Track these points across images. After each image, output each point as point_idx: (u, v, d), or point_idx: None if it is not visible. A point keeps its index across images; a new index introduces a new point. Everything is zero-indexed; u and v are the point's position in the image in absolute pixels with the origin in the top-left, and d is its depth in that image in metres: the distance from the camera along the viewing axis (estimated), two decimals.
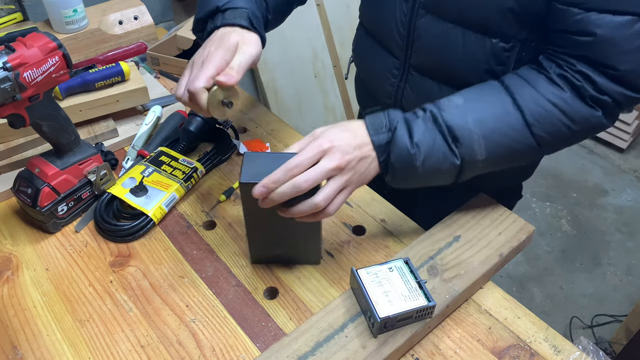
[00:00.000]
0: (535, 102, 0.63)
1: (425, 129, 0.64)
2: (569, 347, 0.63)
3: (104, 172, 0.81)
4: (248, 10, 0.72)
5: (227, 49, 0.67)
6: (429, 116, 0.65)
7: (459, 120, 0.64)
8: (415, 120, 0.65)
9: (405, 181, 0.66)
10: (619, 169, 2.47)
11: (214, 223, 0.80)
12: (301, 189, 0.59)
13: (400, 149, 0.63)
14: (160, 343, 0.64)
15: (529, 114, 0.64)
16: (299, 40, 2.04)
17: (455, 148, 0.64)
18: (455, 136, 0.64)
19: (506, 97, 0.65)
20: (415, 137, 0.63)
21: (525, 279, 1.99)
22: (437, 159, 0.64)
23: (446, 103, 0.66)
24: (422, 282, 0.63)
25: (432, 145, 0.63)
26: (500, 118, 0.64)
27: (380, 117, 0.65)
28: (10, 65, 0.65)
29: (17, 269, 0.74)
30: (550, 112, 0.63)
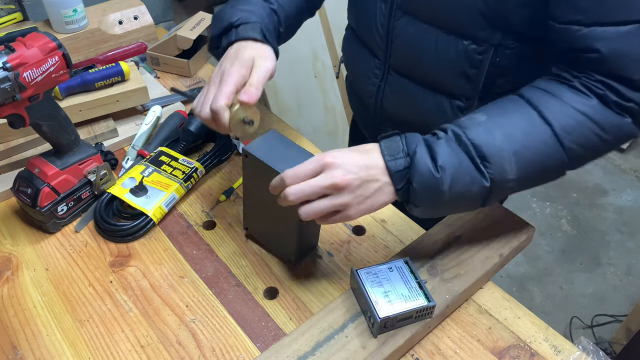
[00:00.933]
0: (563, 113, 0.59)
1: (450, 150, 0.59)
2: (569, 347, 0.63)
3: (104, 172, 0.81)
4: (261, 24, 0.73)
5: (243, 64, 0.67)
6: (451, 136, 0.60)
7: (485, 137, 0.59)
8: (436, 141, 0.60)
9: (430, 209, 0.61)
10: (619, 169, 2.47)
11: (214, 223, 0.80)
12: (288, 200, 0.57)
13: (423, 174, 0.58)
14: (160, 343, 0.64)
15: (559, 126, 0.59)
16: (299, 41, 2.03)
17: (484, 168, 0.59)
18: (484, 155, 0.58)
19: (531, 111, 0.60)
20: (439, 160, 0.58)
21: (525, 279, 1.99)
22: (464, 182, 0.58)
23: (468, 122, 0.61)
24: (422, 282, 0.62)
25: (459, 167, 0.58)
26: (529, 132, 0.59)
27: (396, 141, 0.60)
28: (10, 65, 0.65)
29: (17, 269, 0.73)
30: (580, 123, 0.59)
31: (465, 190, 0.59)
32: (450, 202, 0.60)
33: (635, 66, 0.57)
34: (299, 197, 0.57)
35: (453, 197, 0.59)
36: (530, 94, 0.62)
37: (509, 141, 0.59)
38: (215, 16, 0.77)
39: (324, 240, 0.77)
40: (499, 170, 0.59)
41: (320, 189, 0.57)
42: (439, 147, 0.59)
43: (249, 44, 0.70)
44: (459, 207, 0.63)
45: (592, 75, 0.60)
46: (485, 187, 0.59)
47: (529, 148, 0.59)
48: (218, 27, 0.75)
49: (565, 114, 0.59)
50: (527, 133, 0.59)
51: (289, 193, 0.57)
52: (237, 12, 0.74)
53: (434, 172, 0.58)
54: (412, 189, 0.59)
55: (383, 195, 0.59)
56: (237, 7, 0.75)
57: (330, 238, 0.77)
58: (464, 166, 0.58)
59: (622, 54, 0.57)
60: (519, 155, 0.59)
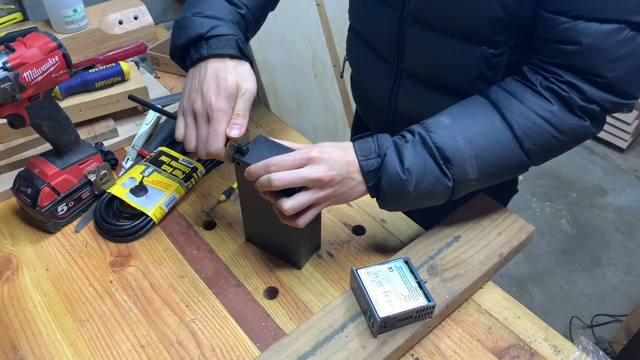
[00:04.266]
0: (524, 117, 0.63)
1: (415, 153, 0.63)
2: (569, 347, 0.63)
3: (104, 172, 0.81)
4: (236, 37, 0.68)
5: (229, 95, 0.65)
6: (417, 139, 0.64)
7: (448, 141, 0.63)
8: (404, 145, 0.64)
9: (397, 205, 0.66)
10: (619, 169, 2.47)
11: (214, 223, 0.80)
12: (272, 185, 0.59)
13: (391, 175, 0.62)
14: (160, 343, 0.64)
15: (519, 129, 0.63)
16: (299, 41, 2.04)
17: (446, 170, 0.63)
18: (447, 157, 0.63)
19: (494, 114, 0.64)
20: (406, 163, 0.63)
21: (525, 279, 1.99)
22: (429, 182, 0.63)
23: (434, 124, 0.65)
24: (422, 282, 0.62)
25: (424, 169, 0.63)
26: (490, 136, 0.64)
27: (369, 142, 0.64)
28: (10, 65, 0.65)
29: (17, 269, 0.74)
30: (539, 126, 0.63)
31: (429, 190, 0.64)
32: (416, 199, 0.64)
33: (609, 65, 0.60)
34: (283, 184, 0.59)
35: (418, 195, 0.64)
36: (497, 95, 0.66)
37: (470, 145, 0.63)
38: (179, 23, 0.71)
39: (324, 241, 0.77)
40: (461, 172, 0.64)
41: (304, 180, 0.60)
42: (406, 150, 0.63)
43: (227, 65, 0.66)
44: (425, 204, 0.67)
45: (561, 75, 0.62)
46: (448, 186, 0.64)
47: (489, 150, 0.64)
48: (184, 36, 0.69)
49: (525, 117, 0.63)
50: (488, 137, 0.63)
51: (274, 178, 0.59)
52: (206, 21, 0.68)
53: (400, 174, 0.62)
54: (381, 187, 0.63)
55: (356, 193, 0.64)
56: (203, 13, 0.69)
57: (330, 238, 0.77)
58: (428, 168, 0.63)
59: (600, 50, 0.59)
60: (479, 158, 0.63)
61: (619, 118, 2.47)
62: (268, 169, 0.60)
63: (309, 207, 0.62)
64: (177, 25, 0.71)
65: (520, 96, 0.64)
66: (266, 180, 0.60)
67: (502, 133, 0.64)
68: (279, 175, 0.59)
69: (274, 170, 0.60)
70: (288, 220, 0.63)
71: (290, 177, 0.59)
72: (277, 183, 0.59)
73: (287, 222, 0.63)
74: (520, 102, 0.64)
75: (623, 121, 2.47)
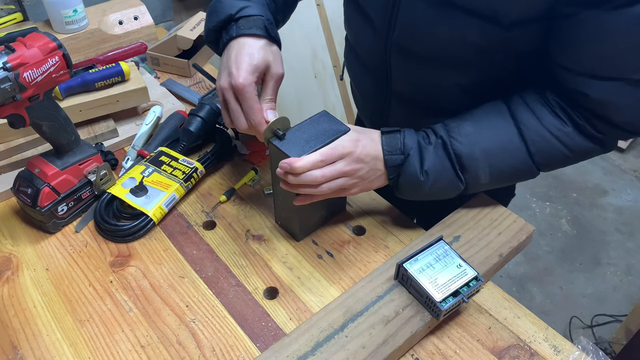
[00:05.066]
0: (539, 135, 0.66)
1: (436, 156, 0.68)
2: (569, 347, 0.63)
3: (104, 172, 0.81)
4: (264, 18, 0.69)
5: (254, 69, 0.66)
6: (439, 142, 0.69)
7: (467, 150, 0.67)
8: (427, 147, 0.69)
9: (411, 197, 0.72)
10: (619, 169, 2.47)
11: (214, 223, 0.80)
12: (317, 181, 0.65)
13: (410, 175, 0.68)
14: (160, 343, 0.64)
15: (532, 145, 0.67)
16: (299, 40, 2.04)
17: (461, 174, 0.69)
18: (463, 165, 0.68)
19: (513, 128, 0.67)
20: (425, 165, 0.68)
21: (525, 279, 1.99)
22: (443, 184, 0.69)
23: (456, 130, 0.68)
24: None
25: (441, 172, 0.68)
26: (507, 149, 0.67)
27: (396, 139, 0.69)
28: (10, 66, 0.65)
29: (17, 269, 0.74)
30: (552, 145, 0.66)
31: (443, 189, 0.70)
32: (428, 195, 0.71)
33: (616, 112, 0.63)
34: (326, 179, 0.65)
35: (432, 192, 0.70)
36: (517, 107, 0.68)
37: (486, 156, 0.68)
38: (211, 8, 0.73)
39: (324, 241, 0.77)
40: (474, 178, 0.69)
41: (339, 174, 0.66)
42: (427, 152, 0.68)
43: (254, 43, 0.67)
44: (436, 198, 0.72)
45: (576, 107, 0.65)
46: (460, 188, 0.70)
47: (503, 161, 0.68)
48: (215, 19, 0.71)
49: (540, 135, 0.66)
50: (505, 150, 0.68)
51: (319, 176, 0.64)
52: (235, 3, 0.70)
53: (419, 176, 0.68)
54: (399, 181, 0.70)
55: (378, 182, 0.70)
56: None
57: (330, 238, 0.77)
58: (445, 171, 0.68)
59: (607, 101, 0.62)
60: (493, 167, 0.68)
61: None
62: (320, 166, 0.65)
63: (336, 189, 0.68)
64: (209, 10, 0.73)
65: (538, 113, 0.67)
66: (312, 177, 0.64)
67: (517, 146, 0.67)
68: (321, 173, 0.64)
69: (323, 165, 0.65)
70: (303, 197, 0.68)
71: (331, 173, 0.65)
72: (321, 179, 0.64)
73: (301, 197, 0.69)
74: (538, 120, 0.66)
75: None
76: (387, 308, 0.64)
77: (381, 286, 0.66)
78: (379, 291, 0.66)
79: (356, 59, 0.88)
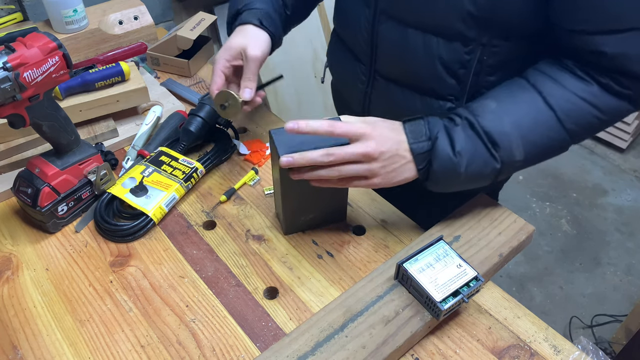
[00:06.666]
0: (565, 99, 0.64)
1: (466, 136, 0.65)
2: (569, 347, 0.63)
3: (104, 172, 0.81)
4: (261, 11, 0.81)
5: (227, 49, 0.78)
6: (466, 123, 0.66)
7: (496, 125, 0.65)
8: (454, 128, 0.66)
9: (446, 187, 0.69)
10: (619, 169, 2.47)
11: (214, 223, 0.80)
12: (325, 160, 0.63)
13: (443, 158, 0.65)
14: (160, 343, 0.64)
15: (561, 111, 0.64)
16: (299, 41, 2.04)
17: (495, 152, 0.65)
18: (494, 141, 0.65)
19: (537, 96, 0.65)
20: (457, 146, 0.65)
21: (525, 279, 1.99)
22: (478, 165, 0.66)
23: (479, 108, 0.67)
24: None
25: (474, 152, 0.65)
26: (535, 118, 0.65)
27: (420, 125, 0.66)
28: (10, 65, 0.65)
29: (17, 269, 0.74)
30: (580, 107, 0.64)
31: (478, 172, 0.66)
32: (465, 181, 0.67)
33: (637, 64, 0.61)
34: (335, 159, 0.63)
35: (468, 177, 0.66)
36: (535, 78, 0.67)
37: (517, 127, 0.65)
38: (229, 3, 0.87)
39: (324, 240, 0.77)
40: (508, 154, 0.65)
41: (355, 156, 0.63)
42: (456, 133, 0.65)
43: (244, 29, 0.79)
44: (472, 185, 0.69)
45: (596, 67, 0.64)
46: (496, 168, 0.66)
47: (535, 132, 0.65)
48: (229, 14, 0.85)
49: (567, 99, 0.64)
50: (533, 119, 0.65)
51: (328, 153, 0.63)
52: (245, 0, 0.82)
53: (452, 157, 0.65)
54: (431, 170, 0.66)
55: (406, 172, 0.66)
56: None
57: (330, 238, 0.77)
58: (478, 151, 0.65)
59: (625, 54, 0.61)
60: (525, 139, 0.65)
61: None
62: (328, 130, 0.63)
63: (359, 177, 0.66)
64: (229, 5, 0.87)
65: (560, 79, 0.65)
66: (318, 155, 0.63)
67: (545, 115, 0.65)
68: (332, 150, 0.63)
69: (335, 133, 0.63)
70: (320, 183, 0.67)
71: (341, 152, 0.63)
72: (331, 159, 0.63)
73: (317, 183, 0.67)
74: (561, 85, 0.65)
75: (623, 121, 2.46)
76: (387, 308, 0.64)
77: (381, 286, 0.66)
78: (379, 291, 0.66)
79: (342, 48, 0.89)
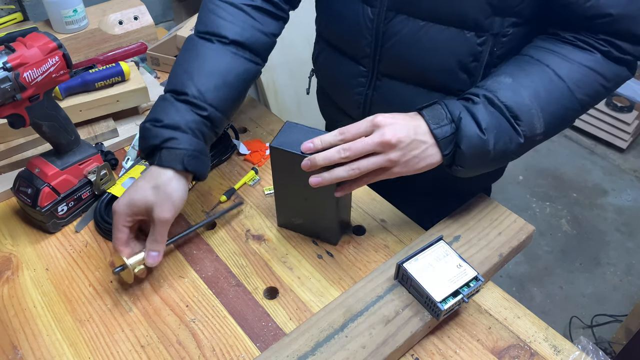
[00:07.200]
0: (573, 70, 0.65)
1: (489, 113, 0.64)
2: (569, 347, 0.63)
3: (104, 172, 0.81)
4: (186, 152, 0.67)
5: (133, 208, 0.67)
6: (484, 100, 0.65)
7: (516, 98, 0.65)
8: (475, 106, 0.65)
9: (472, 169, 0.67)
10: (619, 169, 2.47)
11: (214, 223, 0.80)
12: (342, 156, 0.61)
13: (471, 137, 0.63)
14: (160, 343, 0.64)
15: (571, 82, 0.65)
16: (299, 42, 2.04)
17: (518, 127, 0.65)
18: (516, 115, 0.64)
19: (546, 69, 0.66)
20: (483, 124, 0.64)
21: (525, 279, 1.99)
22: (505, 141, 0.65)
23: (495, 85, 0.66)
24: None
25: (499, 127, 0.64)
26: (550, 90, 0.65)
27: (438, 110, 0.65)
28: (10, 65, 0.65)
29: (17, 269, 0.74)
30: (588, 76, 0.66)
31: (505, 148, 0.65)
32: (492, 160, 0.66)
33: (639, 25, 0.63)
34: (352, 153, 0.61)
35: (496, 155, 0.65)
36: (538, 54, 0.67)
37: (536, 99, 0.65)
38: (141, 132, 0.70)
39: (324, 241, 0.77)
40: (530, 127, 0.65)
41: (372, 147, 0.61)
42: (479, 111, 0.64)
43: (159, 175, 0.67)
44: (496, 165, 0.69)
45: (595, 35, 0.65)
46: (520, 143, 0.66)
47: (552, 103, 0.65)
48: (142, 145, 0.70)
49: (574, 70, 0.66)
50: (549, 91, 0.65)
51: (344, 149, 0.61)
52: (161, 132, 0.68)
53: (480, 135, 0.63)
54: (459, 152, 0.64)
55: (429, 158, 0.64)
56: (163, 122, 0.68)
57: None
58: (503, 126, 0.64)
59: (631, 15, 0.63)
60: (545, 111, 0.65)
61: (619, 118, 2.47)
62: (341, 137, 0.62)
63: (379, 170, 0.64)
64: (140, 134, 0.71)
65: (563, 52, 0.66)
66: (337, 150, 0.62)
67: (558, 85, 0.65)
68: (347, 146, 0.61)
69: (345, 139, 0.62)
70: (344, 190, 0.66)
71: (360, 144, 0.61)
72: (347, 153, 0.61)
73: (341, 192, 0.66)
74: (565, 57, 0.66)
75: (623, 121, 2.47)
76: (387, 308, 0.64)
77: (381, 286, 0.66)
78: (379, 291, 0.66)
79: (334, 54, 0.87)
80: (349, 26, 0.80)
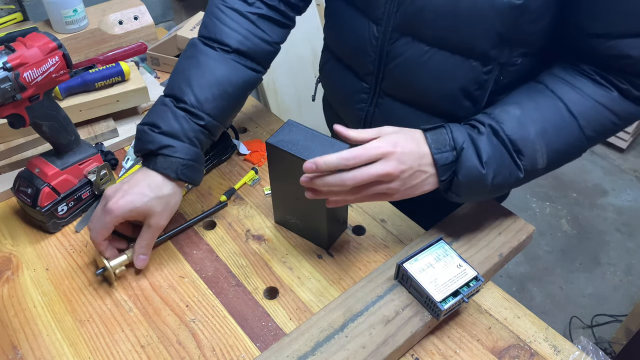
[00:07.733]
0: (585, 106, 0.64)
1: (492, 146, 0.63)
2: (569, 347, 0.63)
3: (104, 172, 0.81)
4: (182, 161, 0.69)
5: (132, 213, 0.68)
6: (490, 131, 0.64)
7: (521, 133, 0.63)
8: (479, 138, 0.64)
9: (468, 198, 0.67)
10: (619, 169, 2.47)
11: (214, 223, 0.80)
12: (345, 185, 0.60)
13: (470, 169, 0.63)
14: (160, 343, 0.64)
15: (582, 119, 0.64)
16: (299, 41, 2.04)
17: (519, 161, 0.64)
18: (519, 149, 0.64)
19: (559, 103, 0.64)
20: (484, 157, 0.63)
21: (525, 279, 1.99)
22: (504, 175, 0.64)
23: (503, 115, 0.65)
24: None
25: (501, 162, 0.64)
26: (558, 126, 0.64)
27: (443, 134, 0.64)
28: (10, 65, 0.65)
29: (17, 269, 0.74)
30: (600, 113, 0.64)
31: (504, 182, 0.65)
32: (489, 192, 0.66)
33: None
34: (355, 182, 0.60)
35: (494, 188, 0.65)
36: (553, 84, 0.66)
37: (542, 135, 0.64)
38: (138, 134, 0.71)
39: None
40: (532, 162, 0.64)
41: (375, 178, 0.60)
42: (482, 143, 0.63)
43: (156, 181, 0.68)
44: (492, 195, 0.68)
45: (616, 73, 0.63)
46: (519, 178, 0.65)
47: (558, 140, 0.64)
48: (138, 146, 0.71)
49: (587, 106, 0.64)
50: (557, 127, 0.64)
51: (348, 177, 0.59)
52: (158, 138, 0.69)
53: (480, 169, 0.63)
54: (456, 181, 0.64)
55: (426, 185, 0.64)
56: (160, 128, 0.69)
57: None
58: (504, 160, 0.64)
59: None
60: (550, 147, 0.64)
61: None
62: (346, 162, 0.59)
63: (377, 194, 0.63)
64: (136, 135, 0.72)
65: (578, 85, 0.65)
66: (337, 178, 0.60)
67: (569, 123, 0.64)
68: (352, 174, 0.59)
69: (352, 165, 0.59)
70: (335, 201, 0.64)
71: (363, 175, 0.59)
72: (350, 182, 0.59)
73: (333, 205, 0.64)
74: (580, 91, 0.64)
75: None
76: (387, 308, 0.64)
77: (381, 286, 0.66)
78: (379, 291, 0.66)
79: (339, 66, 0.86)
80: (355, 41, 0.78)
